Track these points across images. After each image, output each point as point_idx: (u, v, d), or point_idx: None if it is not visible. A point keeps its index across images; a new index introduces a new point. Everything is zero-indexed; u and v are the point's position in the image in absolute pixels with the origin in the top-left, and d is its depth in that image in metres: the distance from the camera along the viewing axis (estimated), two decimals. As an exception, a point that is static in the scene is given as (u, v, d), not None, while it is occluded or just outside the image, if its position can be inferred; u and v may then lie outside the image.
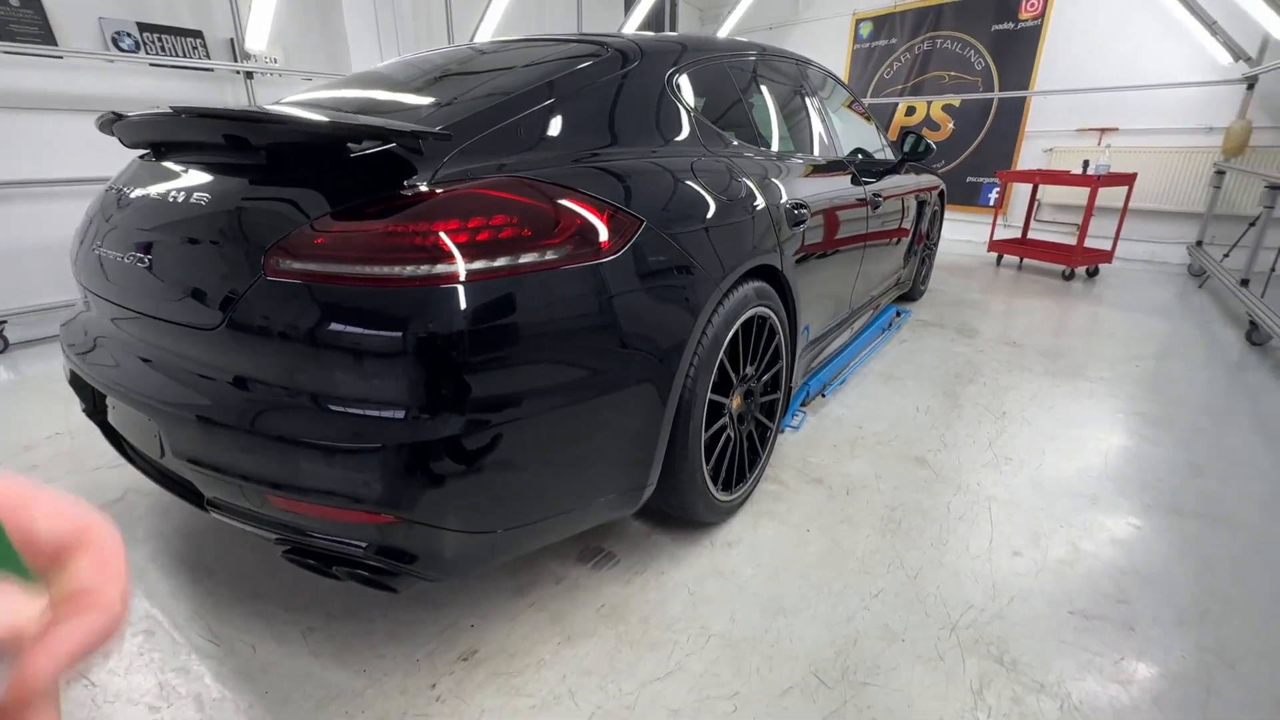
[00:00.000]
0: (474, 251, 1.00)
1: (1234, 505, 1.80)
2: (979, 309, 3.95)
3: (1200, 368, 2.94)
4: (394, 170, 1.06)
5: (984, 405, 2.48)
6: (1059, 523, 1.71)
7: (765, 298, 1.62)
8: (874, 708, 1.15)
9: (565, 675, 1.22)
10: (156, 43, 3.51)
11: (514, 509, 1.12)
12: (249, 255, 1.04)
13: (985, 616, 1.37)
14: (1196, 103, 5.01)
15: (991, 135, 6.21)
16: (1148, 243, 5.44)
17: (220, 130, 1.11)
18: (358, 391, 1.00)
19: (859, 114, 3.05)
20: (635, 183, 1.28)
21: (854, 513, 1.75)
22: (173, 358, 1.15)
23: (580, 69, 1.43)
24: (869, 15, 6.80)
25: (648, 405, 1.27)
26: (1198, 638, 1.31)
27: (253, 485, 1.04)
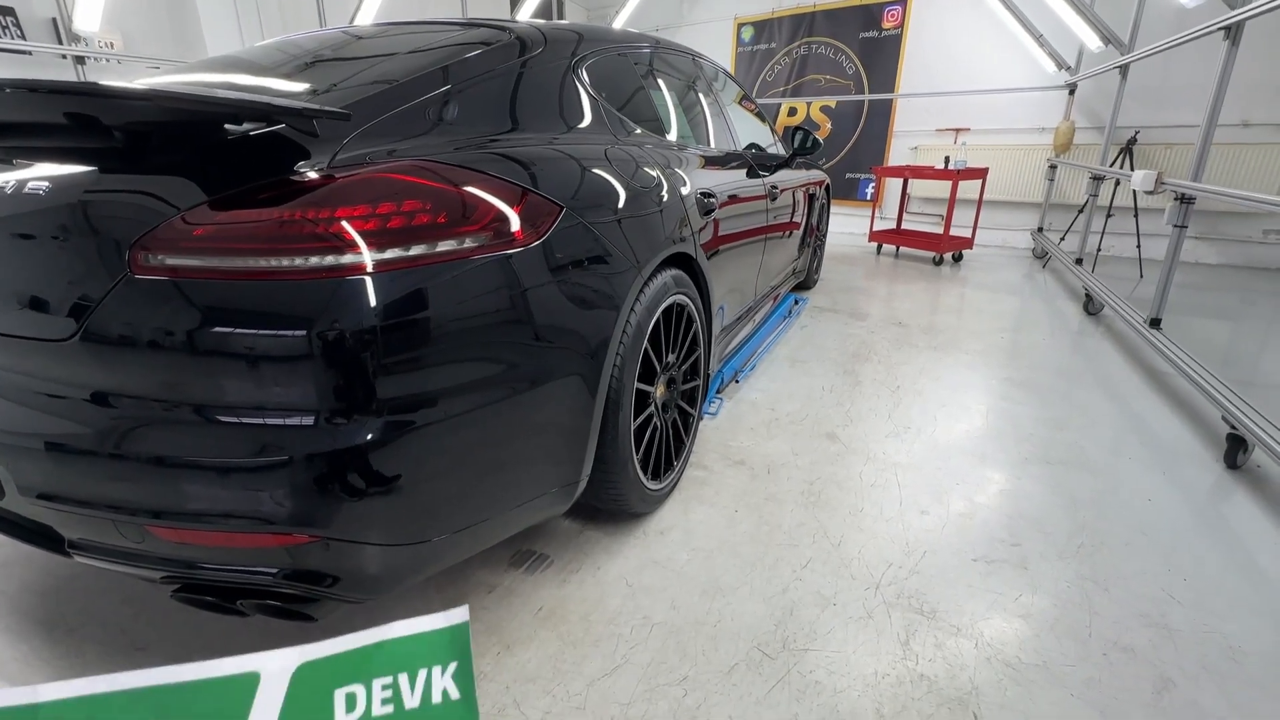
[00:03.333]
0: (385, 240, 0.92)
1: (1091, 452, 2.06)
2: (866, 294, 4.25)
3: (1051, 336, 3.34)
4: (281, 154, 0.96)
5: (880, 381, 2.66)
6: (956, 480, 1.87)
7: (682, 285, 1.64)
8: (815, 671, 1.19)
9: (508, 685, 1.16)
10: (-47, 19, 2.98)
11: (444, 515, 1.05)
12: (107, 252, 0.89)
13: (904, 573, 1.47)
14: (1031, 106, 5.69)
15: (865, 135, 6.71)
16: (1000, 230, 6.12)
17: (63, 108, 0.95)
18: (256, 399, 0.89)
19: (750, 109, 3.18)
20: (551, 169, 1.24)
21: (777, 490, 1.82)
22: (13, 377, 0.97)
23: (484, 51, 1.37)
24: (750, 20, 7.12)
25: (577, 397, 1.23)
26: (1077, 568, 1.48)
27: (128, 518, 0.90)
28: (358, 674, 0.69)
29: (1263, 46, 4.39)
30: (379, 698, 0.69)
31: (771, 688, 1.16)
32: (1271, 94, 4.65)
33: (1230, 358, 3.02)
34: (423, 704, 0.69)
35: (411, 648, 0.72)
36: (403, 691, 0.69)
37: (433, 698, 0.70)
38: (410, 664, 0.71)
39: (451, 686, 0.71)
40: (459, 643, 0.73)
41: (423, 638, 0.72)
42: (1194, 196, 2.46)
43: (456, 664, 0.72)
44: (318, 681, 0.68)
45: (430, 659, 0.72)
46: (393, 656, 0.71)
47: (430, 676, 0.71)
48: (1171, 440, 2.15)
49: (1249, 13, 2.22)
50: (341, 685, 0.68)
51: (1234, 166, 4.80)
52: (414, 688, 0.70)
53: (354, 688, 0.68)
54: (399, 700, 0.69)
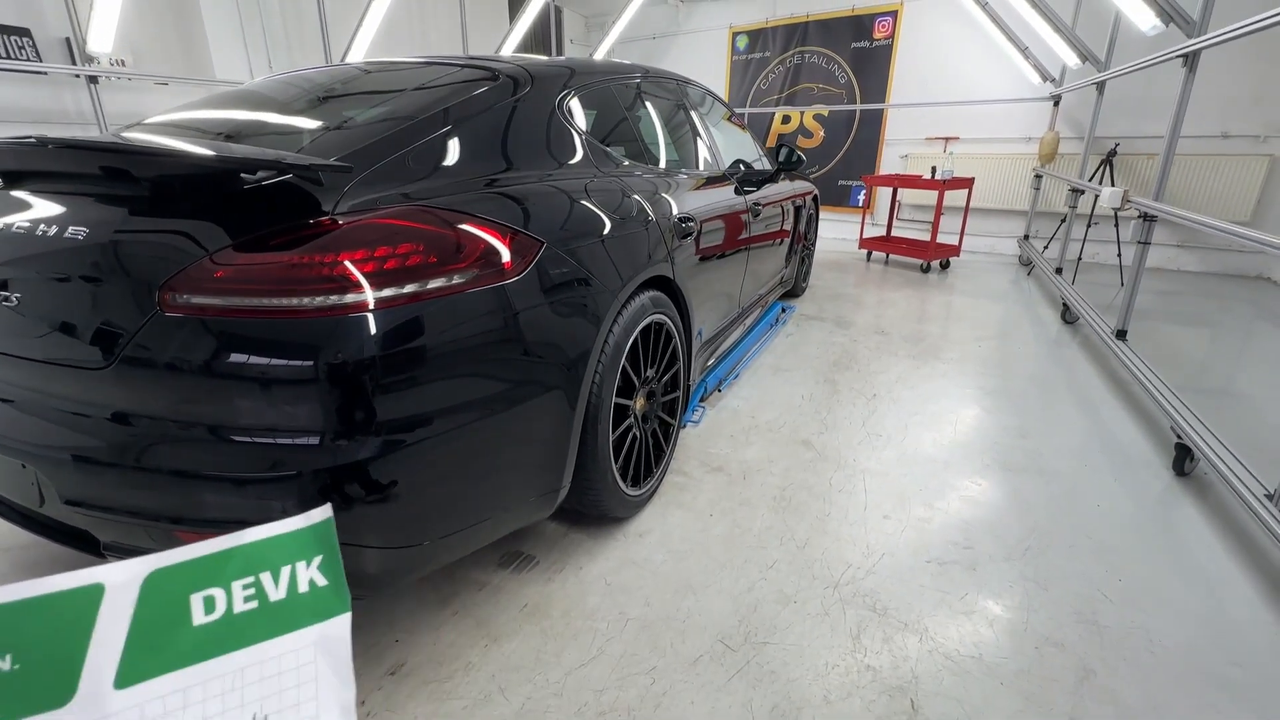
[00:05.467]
0: (382, 280, 1.04)
1: (1051, 459, 2.18)
2: (853, 302, 4.37)
3: (1028, 344, 3.46)
4: (293, 201, 1.08)
5: (858, 389, 2.79)
6: (919, 486, 1.99)
7: (660, 306, 1.76)
8: (773, 662, 1.32)
9: (494, 674, 1.29)
10: (-29, 41, 3.11)
11: (437, 521, 1.17)
12: (140, 290, 1.02)
13: (861, 573, 1.59)
14: (1018, 116, 5.81)
15: (857, 143, 6.83)
16: (987, 237, 6.24)
17: (100, 163, 1.08)
18: (268, 420, 1.02)
19: (737, 126, 3.30)
20: (534, 205, 1.37)
21: (751, 495, 1.94)
22: (54, 400, 1.10)
23: (474, 95, 1.49)
24: (745, 29, 7.24)
25: (558, 413, 1.36)
26: (1021, 569, 1.61)
27: (158, 524, 1.03)
28: (216, 577, 0.71)
29: (1241, 61, 4.52)
30: (240, 596, 0.71)
31: (731, 677, 1.28)
32: (1249, 106, 4.76)
33: (1192, 367, 3.14)
34: (289, 595, 0.74)
35: (271, 548, 0.75)
36: (266, 587, 0.73)
37: (299, 588, 0.74)
38: (272, 562, 0.74)
39: (318, 576, 0.76)
40: (323, 538, 0.78)
41: (283, 539, 0.76)
42: (1156, 215, 2.58)
43: (322, 557, 0.77)
44: (171, 588, 0.69)
45: (293, 555, 0.76)
46: (251, 558, 0.74)
47: (295, 571, 0.75)
48: (1128, 448, 2.27)
49: (1204, 43, 2.34)
50: (198, 590, 0.70)
51: (1214, 177, 4.92)
52: (278, 582, 0.73)
53: (212, 591, 0.71)
54: (262, 595, 0.72)
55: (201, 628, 0.70)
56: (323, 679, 0.73)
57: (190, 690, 0.67)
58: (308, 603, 0.75)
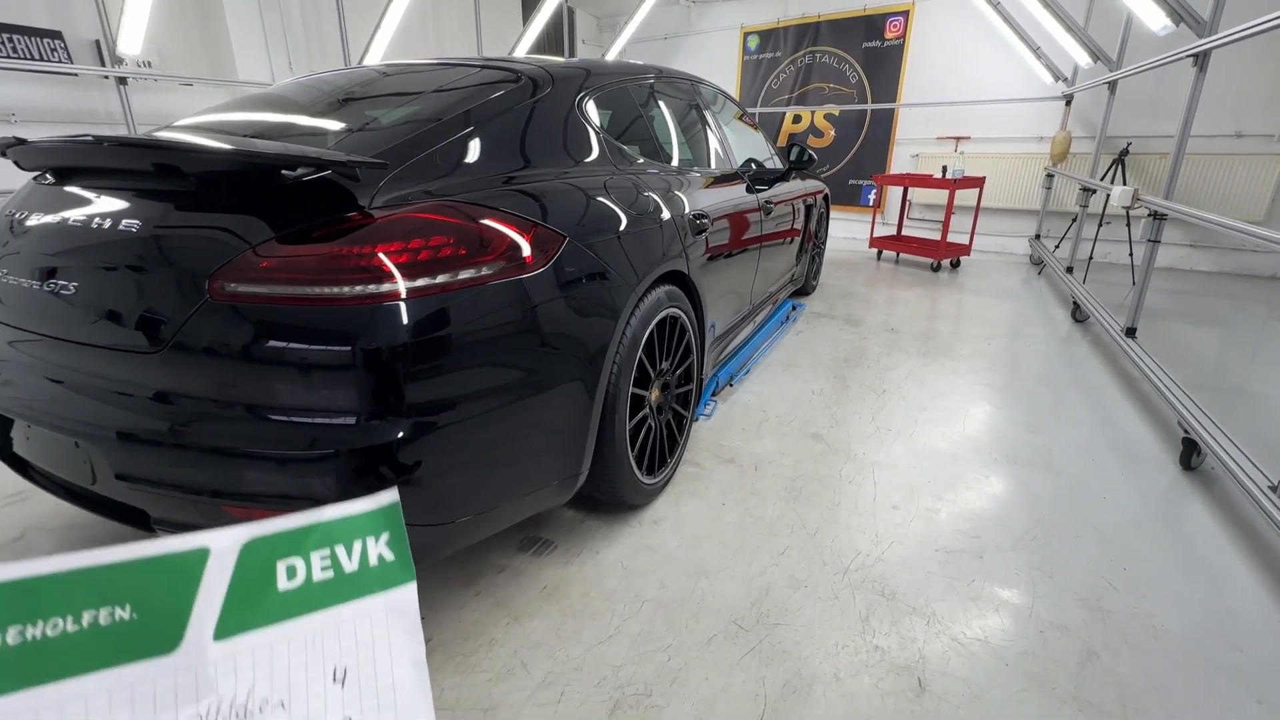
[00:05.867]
0: (415, 270, 1.10)
1: (1059, 453, 2.21)
2: (863, 300, 4.40)
3: (1038, 343, 3.48)
4: (331, 196, 1.14)
5: (868, 385, 2.82)
6: (927, 479, 2.03)
7: (675, 300, 1.81)
8: (784, 642, 1.37)
9: (516, 650, 1.35)
10: (6, 44, 3.21)
11: (464, 501, 1.23)
12: (190, 280, 1.08)
13: (870, 560, 1.64)
14: (1030, 115, 5.81)
15: (868, 142, 6.84)
16: (998, 236, 6.24)
17: (152, 160, 1.14)
18: (308, 402, 1.08)
19: (749, 125, 3.35)
20: (556, 202, 1.43)
21: (762, 485, 1.99)
22: (107, 382, 1.16)
23: (496, 96, 1.55)
24: (756, 29, 7.28)
25: (578, 401, 1.42)
26: (1028, 558, 1.64)
27: (206, 499, 1.09)
28: (297, 548, 0.79)
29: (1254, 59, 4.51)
30: (318, 565, 0.79)
31: (744, 655, 1.33)
32: (1263, 105, 4.75)
33: (1202, 365, 3.15)
34: (361, 566, 0.82)
35: (346, 525, 0.83)
36: (340, 559, 0.81)
37: (369, 561, 0.83)
38: (346, 537, 0.82)
39: (386, 551, 0.84)
40: (391, 518, 0.86)
41: (356, 517, 0.85)
42: (1166, 214, 2.60)
43: (389, 534, 0.85)
44: (261, 556, 0.77)
45: (364, 532, 0.84)
46: (329, 532, 0.82)
47: (365, 546, 0.83)
48: (1135, 443, 2.30)
49: (1215, 43, 2.36)
50: (283, 558, 0.78)
51: (1227, 176, 4.90)
52: (351, 555, 0.82)
53: (294, 560, 0.78)
54: (337, 566, 0.81)
55: (285, 591, 0.77)
56: (394, 638, 0.81)
57: (276, 645, 0.75)
58: (377, 573, 0.83)
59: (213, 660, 0.71)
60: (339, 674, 0.77)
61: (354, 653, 0.78)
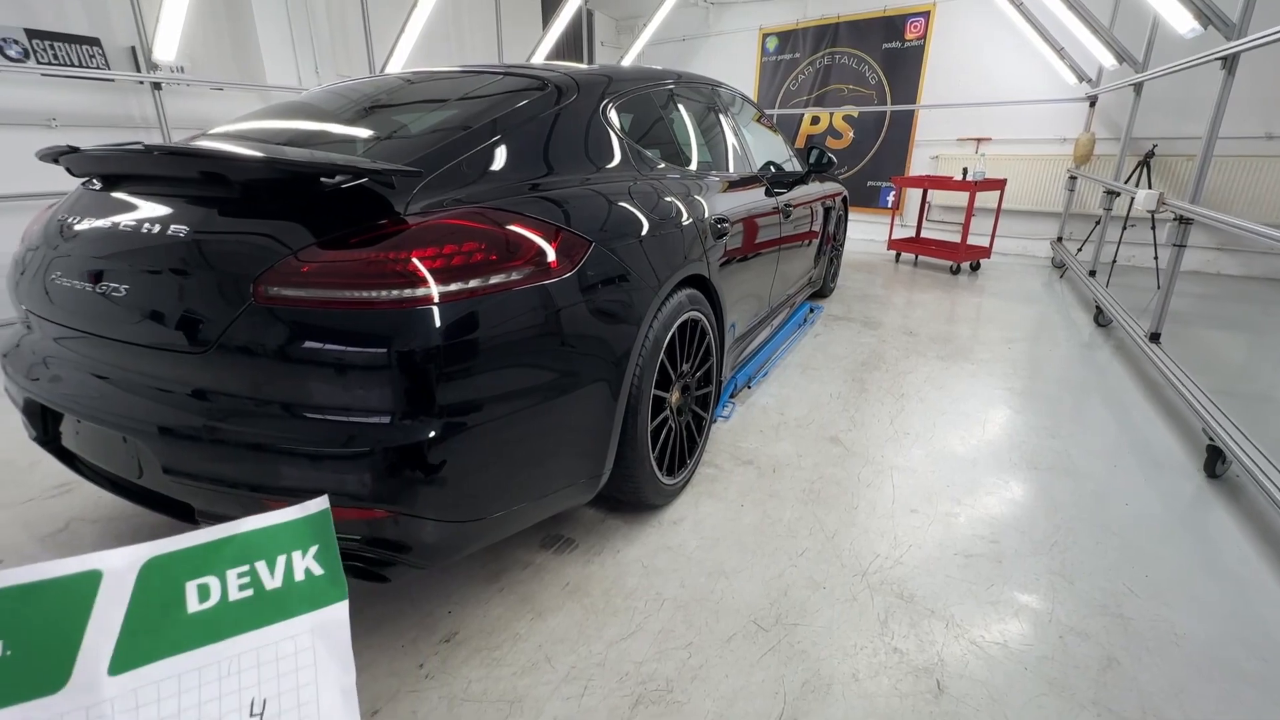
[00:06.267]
0: (449, 275, 1.14)
1: (1079, 459, 2.20)
2: (881, 303, 4.38)
3: (1059, 347, 3.45)
4: (367, 203, 1.19)
5: (886, 388, 2.82)
6: (946, 483, 2.04)
7: (696, 303, 1.84)
8: (803, 642, 1.38)
9: (540, 645, 1.38)
10: (48, 51, 3.32)
11: (491, 499, 1.27)
12: (234, 282, 1.13)
13: (889, 563, 1.65)
14: (1052, 117, 5.75)
15: (887, 143, 6.81)
16: (1019, 239, 6.17)
17: (199, 168, 1.19)
18: (346, 401, 1.12)
19: (768, 128, 3.36)
20: (581, 208, 1.46)
21: (780, 487, 2.01)
22: (156, 381, 1.22)
23: (523, 104, 1.59)
24: (775, 30, 7.27)
25: (602, 402, 1.45)
26: (1047, 563, 1.64)
27: (248, 493, 1.14)
28: (210, 566, 0.72)
29: (1286, 60, 4.41)
30: (235, 584, 0.72)
31: (764, 654, 1.35)
32: (1296, 107, 4.65)
33: (1228, 371, 3.10)
34: (285, 583, 0.74)
35: (269, 538, 0.76)
36: (261, 575, 0.73)
37: (295, 576, 0.75)
38: (268, 551, 0.75)
39: (314, 565, 0.76)
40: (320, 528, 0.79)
41: (280, 528, 0.77)
42: (1192, 218, 2.57)
43: (318, 546, 0.78)
44: (167, 576, 0.69)
45: (289, 545, 0.77)
46: (248, 547, 0.74)
47: (290, 560, 0.75)
48: (1159, 450, 2.28)
49: (1244, 45, 2.34)
50: (193, 577, 0.70)
51: (1257, 179, 4.81)
52: (274, 571, 0.74)
53: (206, 579, 0.71)
54: (258, 584, 0.73)
55: (196, 615, 0.70)
56: (321, 664, 0.75)
57: (185, 676, 0.68)
58: (304, 591, 0.76)
59: (108, 698, 0.64)
60: (257, 706, 0.70)
61: (275, 681, 0.71)
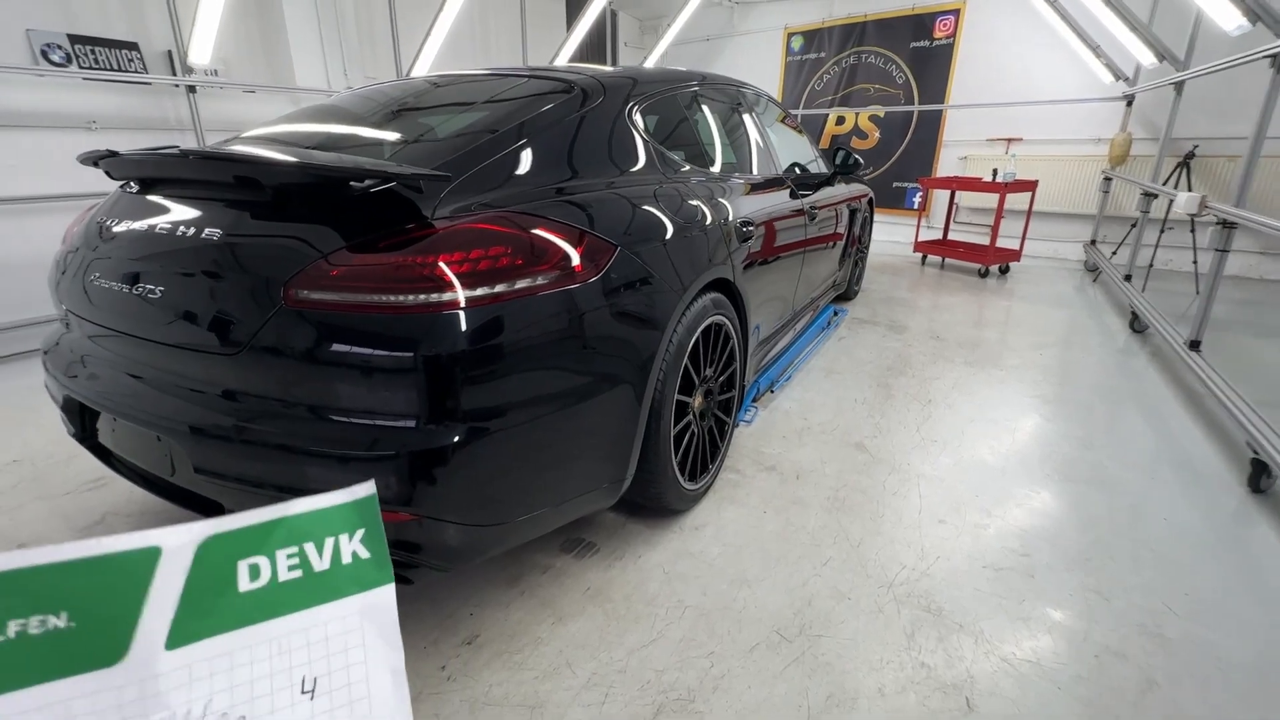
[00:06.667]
0: (475, 280, 1.14)
1: (1115, 471, 2.14)
2: (907, 306, 4.31)
3: (1092, 353, 3.35)
4: (396, 207, 1.19)
5: (912, 394, 2.77)
6: (975, 493, 1.99)
7: (720, 308, 1.82)
8: (827, 654, 1.36)
9: (561, 650, 1.38)
10: (89, 55, 3.42)
11: (514, 503, 1.27)
12: (265, 286, 1.14)
13: (915, 575, 1.61)
14: (1087, 116, 5.60)
15: (913, 144, 6.69)
16: (1050, 242, 6.02)
17: (233, 172, 1.21)
18: (372, 404, 1.13)
19: (793, 129, 3.32)
20: (607, 212, 1.45)
21: (804, 494, 1.98)
22: (188, 381, 1.24)
23: (549, 107, 1.59)
24: (800, 30, 7.20)
25: (626, 407, 1.44)
26: (1082, 579, 1.60)
27: (276, 494, 1.15)
28: (261, 546, 0.72)
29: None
30: (284, 565, 0.72)
31: (787, 665, 1.33)
32: (1347, 105, 4.45)
33: (1271, 381, 2.98)
34: (333, 565, 0.74)
35: (317, 521, 0.76)
36: (310, 557, 0.73)
37: (342, 559, 0.75)
38: (317, 534, 0.75)
39: (361, 549, 0.76)
40: (367, 513, 0.78)
41: (328, 512, 0.77)
42: (1236, 222, 2.47)
43: (364, 530, 0.77)
44: (221, 555, 0.70)
45: (337, 528, 0.76)
46: (297, 528, 0.74)
47: (338, 543, 0.75)
48: (1199, 463, 2.20)
49: (1294, 42, 2.24)
50: (244, 557, 0.70)
51: (1304, 180, 4.63)
52: (321, 553, 0.74)
53: (257, 559, 0.71)
54: (306, 565, 0.73)
55: (248, 593, 0.70)
56: (370, 644, 0.75)
57: (237, 653, 0.68)
58: (351, 573, 0.76)
59: (164, 672, 0.65)
60: (308, 684, 0.70)
61: (325, 661, 0.71)
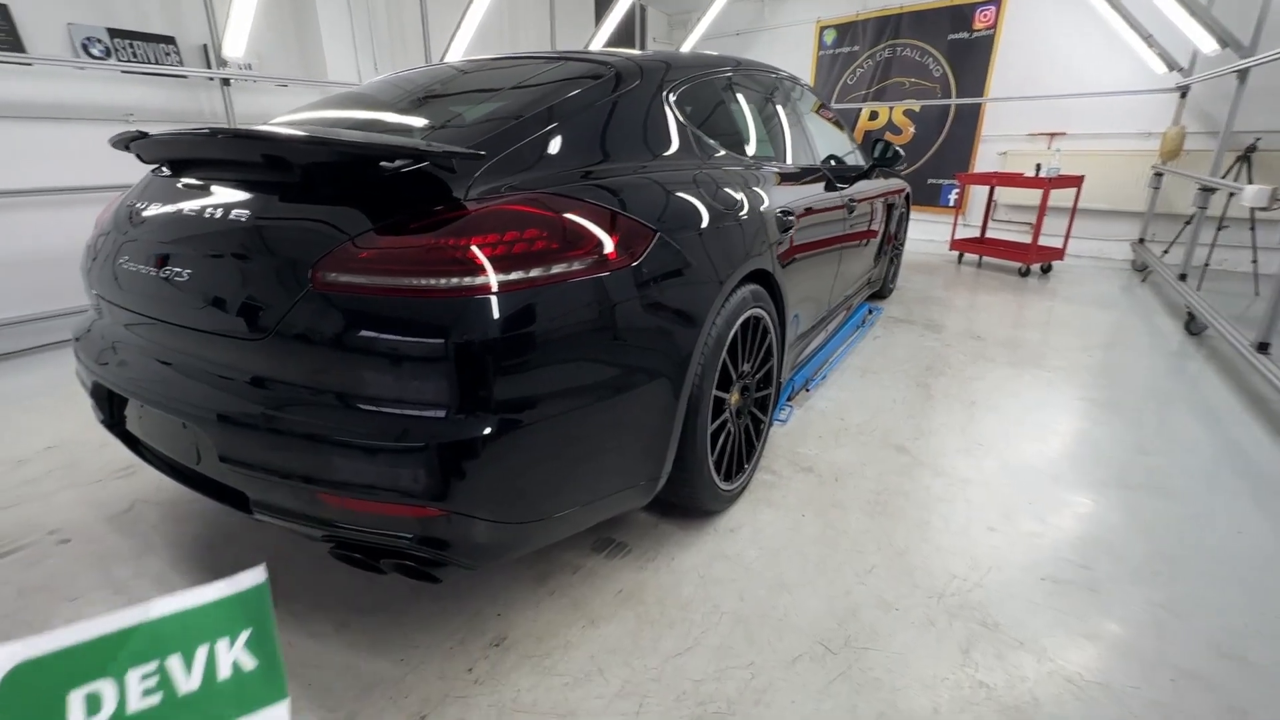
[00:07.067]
0: (509, 264, 1.08)
1: (1176, 479, 2.00)
2: (944, 305, 4.16)
3: (1144, 356, 3.19)
4: (427, 188, 1.14)
5: (954, 395, 2.65)
6: (1027, 500, 1.87)
7: (759, 300, 1.74)
8: (875, 669, 1.27)
9: (593, 655, 1.31)
10: (127, 49, 3.46)
11: (547, 499, 1.21)
12: (293, 269, 1.10)
13: (967, 585, 1.51)
14: (1137, 109, 5.36)
15: (950, 139, 6.50)
16: (1094, 240, 5.79)
17: (261, 150, 1.17)
18: (400, 393, 1.07)
19: (830, 120, 3.21)
20: (646, 196, 1.38)
21: (843, 497, 1.89)
22: (214, 367, 1.20)
23: (584, 90, 1.52)
24: (832, 23, 7.04)
25: (663, 401, 1.37)
26: (1150, 594, 1.48)
27: (302, 485, 1.11)
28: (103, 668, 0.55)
29: None
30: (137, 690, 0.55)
31: (832, 680, 1.25)
32: None
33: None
34: (205, 684, 0.57)
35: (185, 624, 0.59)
36: (174, 675, 0.56)
37: (218, 673, 0.58)
38: (183, 642, 0.58)
39: (245, 657, 0.60)
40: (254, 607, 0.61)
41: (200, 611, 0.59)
42: (1312, 215, 2.31)
43: (251, 630, 0.61)
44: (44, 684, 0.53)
45: (212, 632, 0.59)
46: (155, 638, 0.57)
47: (213, 652, 0.59)
48: (1270, 472, 2.05)
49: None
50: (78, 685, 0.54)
51: (1375, 175, 4.35)
52: (190, 668, 0.57)
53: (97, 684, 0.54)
54: (168, 686, 0.56)
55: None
56: None
57: None
58: (230, 692, 0.59)
59: None
60: None
61: None
